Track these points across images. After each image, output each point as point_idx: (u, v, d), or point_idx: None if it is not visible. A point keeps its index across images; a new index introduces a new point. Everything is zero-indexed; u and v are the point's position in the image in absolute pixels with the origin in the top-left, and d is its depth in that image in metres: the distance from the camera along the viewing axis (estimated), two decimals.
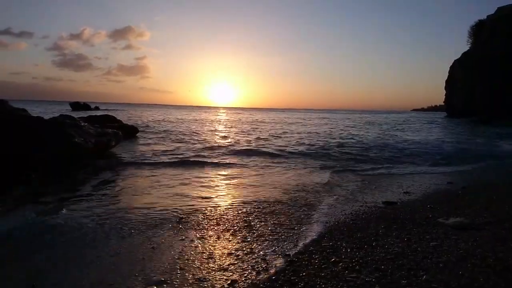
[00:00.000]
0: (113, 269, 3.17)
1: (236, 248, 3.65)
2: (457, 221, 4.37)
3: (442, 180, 7.76)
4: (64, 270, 3.16)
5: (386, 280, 2.84)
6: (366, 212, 5.03)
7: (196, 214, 4.90)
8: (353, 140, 17.10)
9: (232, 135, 18.69)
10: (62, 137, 7.50)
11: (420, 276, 2.90)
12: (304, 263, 3.22)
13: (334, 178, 7.78)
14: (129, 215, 4.78)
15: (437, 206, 5.30)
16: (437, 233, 4.04)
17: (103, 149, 9.44)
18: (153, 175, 7.74)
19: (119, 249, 3.61)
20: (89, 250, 3.59)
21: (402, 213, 4.91)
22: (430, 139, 18.78)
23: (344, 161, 10.49)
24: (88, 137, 8.56)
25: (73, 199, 5.56)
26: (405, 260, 3.24)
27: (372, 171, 8.97)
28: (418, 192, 6.50)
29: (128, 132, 14.26)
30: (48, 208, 5.05)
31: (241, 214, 4.90)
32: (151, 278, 2.97)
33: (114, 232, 4.11)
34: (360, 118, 52.89)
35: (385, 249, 3.53)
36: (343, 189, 6.69)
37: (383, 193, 6.43)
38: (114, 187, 6.56)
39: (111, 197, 5.74)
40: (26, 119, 7.37)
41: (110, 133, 10.10)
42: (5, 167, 5.98)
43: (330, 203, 5.62)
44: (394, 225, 4.36)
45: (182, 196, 5.92)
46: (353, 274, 2.95)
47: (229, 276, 3.01)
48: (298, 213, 4.99)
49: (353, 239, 3.87)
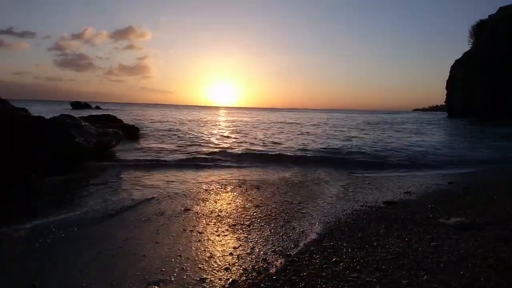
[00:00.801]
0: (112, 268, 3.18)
1: (236, 247, 3.65)
2: (458, 221, 4.36)
3: (443, 180, 7.74)
4: (64, 270, 3.17)
5: (387, 280, 2.84)
6: (367, 212, 5.02)
7: (187, 215, 4.91)
8: (355, 143, 17.09)
9: (231, 134, 18.68)
10: (62, 137, 7.50)
11: (421, 276, 2.89)
12: (305, 263, 3.22)
13: (335, 178, 7.77)
14: (129, 214, 4.79)
15: (438, 206, 5.29)
16: (438, 233, 4.03)
17: (104, 149, 9.44)
18: (152, 175, 7.74)
19: (116, 250, 3.62)
20: (88, 250, 3.59)
21: (403, 213, 4.90)
22: (431, 140, 18.76)
23: (349, 163, 10.47)
24: (89, 137, 8.56)
25: (73, 200, 5.56)
26: (406, 260, 3.23)
27: (372, 172, 8.96)
28: (419, 192, 6.49)
29: (129, 132, 14.25)
30: (47, 208, 5.05)
31: (241, 214, 4.91)
32: (152, 275, 2.97)
33: (112, 232, 4.11)
34: (361, 118, 52.85)
35: (386, 249, 3.52)
36: (344, 189, 6.69)
37: (384, 193, 6.42)
38: (114, 187, 6.56)
39: (111, 197, 5.74)
40: (26, 119, 7.37)
41: (111, 133, 10.10)
42: (5, 167, 5.98)
43: (331, 203, 5.62)
44: (395, 225, 4.35)
45: (182, 196, 5.93)
46: (354, 274, 2.94)
47: (229, 276, 3.02)
48: (298, 214, 4.98)
49: (354, 239, 3.87)
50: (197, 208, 5.19)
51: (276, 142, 15.56)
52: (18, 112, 7.65)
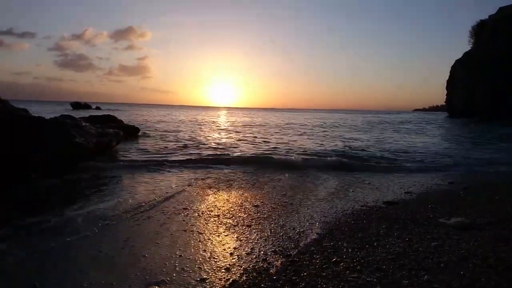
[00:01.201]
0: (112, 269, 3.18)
1: (237, 247, 3.65)
2: (458, 221, 4.36)
3: (444, 181, 7.74)
4: (64, 270, 3.17)
5: (387, 280, 2.83)
6: (367, 212, 5.02)
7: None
8: (356, 144, 17.09)
9: (231, 134, 18.69)
10: (62, 137, 7.48)
11: (422, 276, 2.89)
12: (305, 263, 3.22)
13: (336, 179, 7.77)
14: (130, 214, 4.79)
15: (438, 206, 5.28)
16: (438, 233, 4.03)
17: (104, 149, 9.43)
18: (151, 176, 7.75)
19: (118, 249, 3.62)
20: (89, 250, 3.59)
21: (404, 213, 4.90)
22: (431, 141, 18.75)
23: (350, 163, 10.45)
24: (89, 137, 8.55)
25: (74, 200, 5.56)
26: (406, 260, 3.23)
27: (373, 173, 8.96)
28: (420, 192, 6.49)
29: (129, 133, 14.25)
30: (47, 209, 5.05)
31: (242, 215, 4.90)
32: (153, 275, 2.97)
33: (113, 233, 4.11)
34: (363, 118, 52.83)
35: (387, 249, 3.52)
36: (345, 190, 6.68)
37: (384, 193, 6.42)
38: (114, 188, 6.56)
39: (111, 198, 5.73)
40: (26, 119, 7.36)
41: (111, 133, 10.09)
42: (5, 167, 5.98)
43: (331, 203, 5.62)
44: (396, 225, 4.35)
45: (182, 196, 5.93)
46: (355, 274, 2.94)
47: (229, 276, 3.01)
48: (298, 215, 4.98)
49: (354, 239, 3.86)
50: (197, 208, 5.18)
51: (283, 142, 15.56)
52: (18, 112, 7.65)
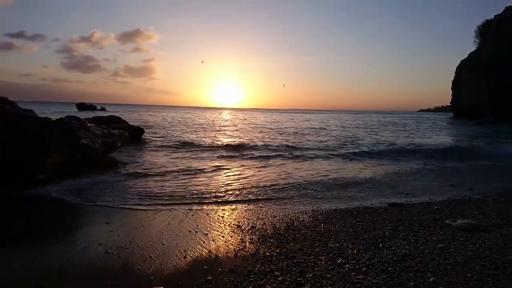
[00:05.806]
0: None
1: (242, 248, 3.65)
2: (464, 223, 4.32)
3: (450, 182, 7.67)
4: None
5: (393, 282, 2.82)
6: (372, 214, 5.00)
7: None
8: (363, 141, 17.02)
9: (231, 134, 18.67)
10: (68, 138, 7.53)
11: (428, 278, 2.87)
12: (310, 264, 3.21)
13: (339, 180, 7.75)
14: (131, 213, 4.81)
15: (444, 208, 5.24)
16: (444, 234, 4.00)
17: (109, 150, 9.48)
18: (155, 179, 7.78)
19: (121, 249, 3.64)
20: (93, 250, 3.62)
21: (409, 215, 4.87)
22: (437, 142, 18.62)
23: (356, 164, 10.43)
24: (95, 138, 8.59)
25: (76, 201, 5.60)
26: (412, 261, 3.21)
27: (380, 171, 8.91)
28: (425, 193, 6.44)
29: (135, 134, 14.29)
30: (56, 209, 5.10)
31: (241, 214, 4.91)
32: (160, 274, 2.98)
33: (121, 232, 4.14)
34: (369, 119, 52.55)
35: (392, 251, 3.50)
36: (348, 191, 6.66)
37: (390, 194, 6.38)
38: (118, 188, 6.60)
39: (114, 198, 5.77)
40: (33, 120, 7.42)
41: (116, 134, 10.13)
42: (13, 169, 6.04)
43: (335, 204, 5.60)
44: (401, 227, 4.32)
45: (183, 196, 5.95)
46: (360, 276, 2.93)
47: (234, 277, 3.01)
48: (303, 216, 4.97)
49: (359, 240, 3.85)
50: (201, 210, 5.20)
51: (289, 145, 15.54)
52: (25, 113, 7.72)
